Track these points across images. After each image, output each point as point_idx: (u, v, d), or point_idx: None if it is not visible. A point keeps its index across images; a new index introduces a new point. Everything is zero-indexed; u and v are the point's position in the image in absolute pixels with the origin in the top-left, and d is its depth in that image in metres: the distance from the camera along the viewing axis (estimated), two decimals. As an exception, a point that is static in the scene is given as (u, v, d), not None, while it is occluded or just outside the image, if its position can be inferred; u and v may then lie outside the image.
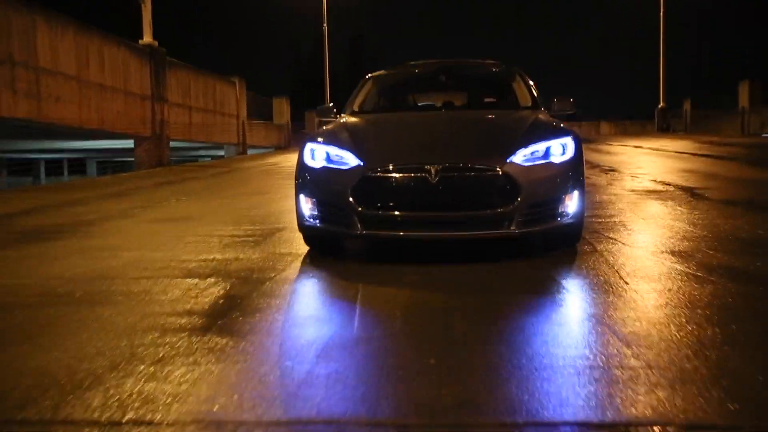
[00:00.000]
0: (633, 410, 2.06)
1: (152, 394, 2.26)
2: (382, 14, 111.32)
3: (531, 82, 5.91)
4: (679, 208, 6.34)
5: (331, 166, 4.33)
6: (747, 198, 7.30)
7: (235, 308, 3.31)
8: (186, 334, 2.91)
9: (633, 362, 2.45)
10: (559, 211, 4.24)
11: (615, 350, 2.59)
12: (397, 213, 4.12)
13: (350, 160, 4.26)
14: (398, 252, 4.59)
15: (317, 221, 4.37)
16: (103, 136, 16.30)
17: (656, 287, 3.50)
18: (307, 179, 4.42)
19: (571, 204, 4.27)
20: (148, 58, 16.80)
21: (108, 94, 14.76)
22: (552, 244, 4.56)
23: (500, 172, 4.09)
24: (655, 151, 15.60)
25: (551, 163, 4.27)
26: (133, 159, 17.85)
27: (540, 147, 4.28)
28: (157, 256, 4.70)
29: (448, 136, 4.72)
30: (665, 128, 31.48)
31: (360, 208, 4.11)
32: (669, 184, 8.45)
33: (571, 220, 4.30)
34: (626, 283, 3.62)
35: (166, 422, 2.06)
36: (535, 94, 5.72)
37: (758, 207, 6.62)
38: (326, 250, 4.65)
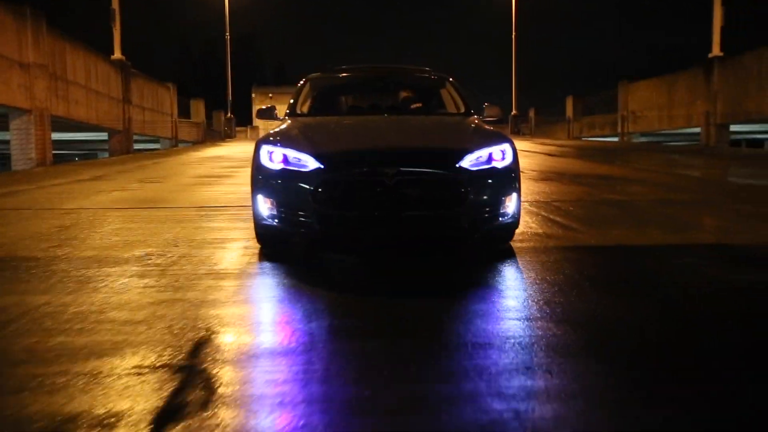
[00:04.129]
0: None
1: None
2: (272, 14, 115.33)
3: (461, 90, 6.23)
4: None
5: (291, 168, 4.41)
6: (558, 173, 13.68)
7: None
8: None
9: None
10: (501, 211, 4.47)
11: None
12: (355, 213, 4.28)
13: (309, 162, 4.35)
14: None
15: (275, 221, 4.46)
16: (89, 129, 20.86)
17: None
18: (265, 180, 4.50)
19: (510, 205, 4.52)
20: (120, 70, 21.57)
21: (100, 97, 19.56)
22: (492, 241, 4.80)
23: (451, 176, 4.32)
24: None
25: (494, 168, 4.47)
26: (105, 148, 22.47)
27: (484, 153, 4.47)
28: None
29: (399, 140, 4.90)
30: (517, 131, 39.13)
31: (320, 209, 4.24)
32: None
33: (510, 220, 4.57)
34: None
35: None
36: (467, 101, 6.00)
37: (570, 178, 12.99)
38: (280, 249, 4.73)
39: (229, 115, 41.58)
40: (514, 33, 40.90)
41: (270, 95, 59.45)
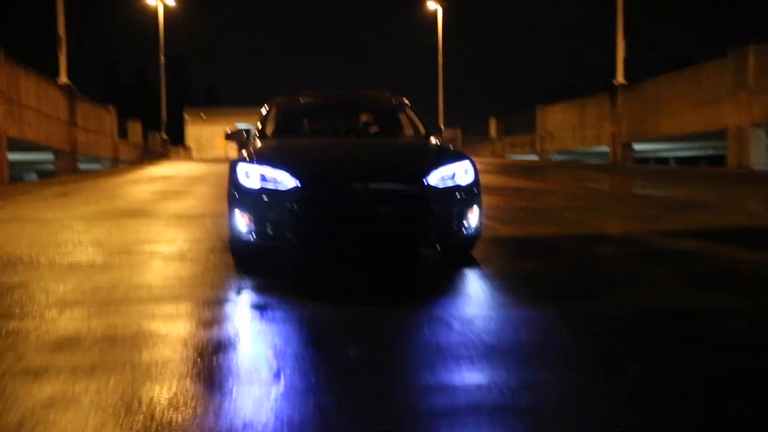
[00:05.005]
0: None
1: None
2: (201, 36, 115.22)
3: (419, 114, 6.56)
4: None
5: (268, 186, 4.60)
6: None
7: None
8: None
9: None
10: (465, 225, 4.77)
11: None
12: (332, 228, 4.53)
13: (286, 180, 4.55)
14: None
15: (253, 236, 4.63)
16: (37, 149, 21.50)
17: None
18: (242, 197, 4.68)
19: (473, 218, 4.82)
20: (67, 93, 22.33)
21: (50, 120, 20.31)
22: (456, 251, 5.19)
23: (420, 192, 4.61)
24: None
25: (458, 185, 4.76)
26: (48, 169, 23.07)
27: (448, 170, 4.76)
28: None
29: (371, 159, 5.14)
30: (443, 150, 41.35)
31: (297, 225, 4.48)
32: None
33: (473, 232, 4.88)
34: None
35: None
36: (426, 124, 6.35)
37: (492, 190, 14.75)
38: (255, 263, 4.96)
39: (163, 135, 42.21)
40: (440, 58, 43.35)
41: (203, 116, 60.00)
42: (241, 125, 54.93)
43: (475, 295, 4.27)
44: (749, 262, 5.16)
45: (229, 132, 6.15)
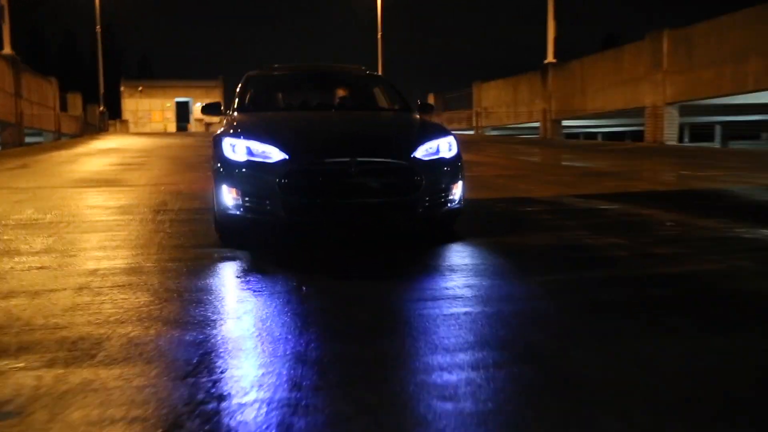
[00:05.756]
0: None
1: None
2: (131, 6, 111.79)
3: (396, 87, 6.50)
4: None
5: (256, 159, 4.61)
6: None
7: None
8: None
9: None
10: (449, 198, 4.90)
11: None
12: (321, 201, 4.56)
13: (274, 154, 4.57)
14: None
15: (241, 210, 4.65)
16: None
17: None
18: (229, 172, 4.68)
19: (457, 192, 4.95)
20: (11, 64, 22.37)
21: (-2, 93, 20.45)
22: (441, 224, 5.28)
23: (408, 165, 4.67)
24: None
25: (443, 158, 4.88)
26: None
27: (433, 144, 4.87)
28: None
29: (358, 132, 5.20)
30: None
31: (286, 198, 4.49)
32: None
33: (457, 206, 5.02)
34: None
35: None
36: (405, 98, 6.29)
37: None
38: (240, 238, 4.94)
39: (102, 108, 41.84)
40: (379, 34, 44.32)
41: (140, 89, 59.18)
42: (180, 99, 54.70)
43: (435, 239, 5.48)
44: (638, 215, 6.55)
45: (204, 105, 6.08)
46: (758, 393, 2.31)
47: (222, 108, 6.05)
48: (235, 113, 5.84)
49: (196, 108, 58.99)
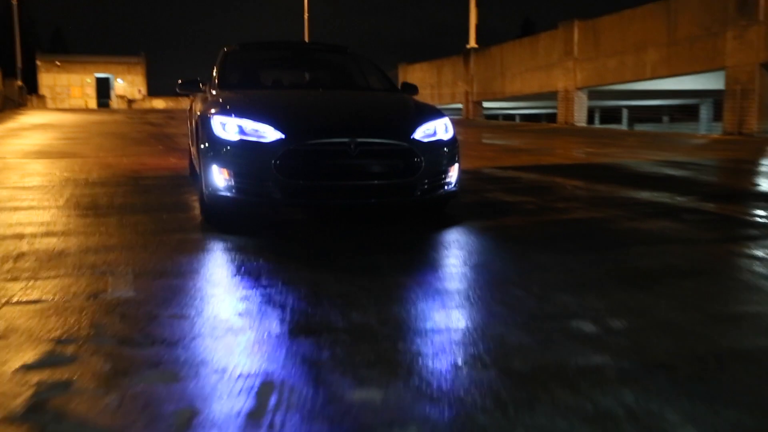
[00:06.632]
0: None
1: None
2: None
3: (380, 67, 6.39)
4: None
5: (249, 138, 4.42)
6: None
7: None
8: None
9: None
10: (446, 180, 4.86)
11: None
12: (319, 183, 4.41)
13: (269, 133, 4.39)
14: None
15: (233, 192, 4.44)
16: None
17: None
18: (219, 151, 4.46)
19: (453, 174, 4.91)
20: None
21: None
22: (437, 206, 5.24)
23: (407, 147, 4.57)
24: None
25: (440, 140, 4.82)
26: None
27: (430, 126, 4.80)
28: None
29: (355, 113, 5.08)
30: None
31: (282, 179, 4.31)
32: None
33: (454, 188, 4.98)
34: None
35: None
36: (390, 78, 6.15)
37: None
38: (228, 220, 4.82)
39: (19, 83, 40.78)
40: (306, 14, 44.84)
41: (58, 63, 57.45)
42: (101, 75, 53.82)
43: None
44: (544, 181, 7.98)
45: (182, 82, 5.83)
46: (602, 276, 3.65)
47: (200, 85, 5.86)
48: (218, 90, 5.58)
49: (118, 84, 57.98)
